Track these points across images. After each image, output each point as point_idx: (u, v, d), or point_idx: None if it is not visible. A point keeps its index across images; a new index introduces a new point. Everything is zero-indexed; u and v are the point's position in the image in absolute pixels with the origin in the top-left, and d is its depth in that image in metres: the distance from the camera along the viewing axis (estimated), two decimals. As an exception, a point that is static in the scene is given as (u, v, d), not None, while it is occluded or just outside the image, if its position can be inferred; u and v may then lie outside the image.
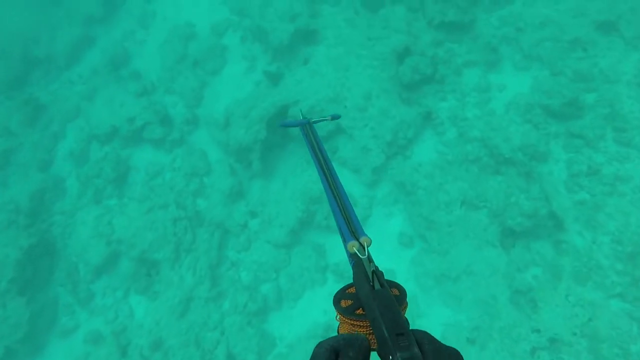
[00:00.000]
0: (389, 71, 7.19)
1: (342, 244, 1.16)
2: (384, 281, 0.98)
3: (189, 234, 7.06)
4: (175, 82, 8.47)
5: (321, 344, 0.83)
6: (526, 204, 6.10)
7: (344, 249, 1.13)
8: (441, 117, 7.09)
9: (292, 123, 2.50)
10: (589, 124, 6.34)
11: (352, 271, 1.09)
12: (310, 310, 6.71)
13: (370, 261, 1.05)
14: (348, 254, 1.13)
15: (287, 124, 3.01)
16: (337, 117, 2.39)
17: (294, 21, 7.95)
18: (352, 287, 1.04)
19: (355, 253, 1.09)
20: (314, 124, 2.03)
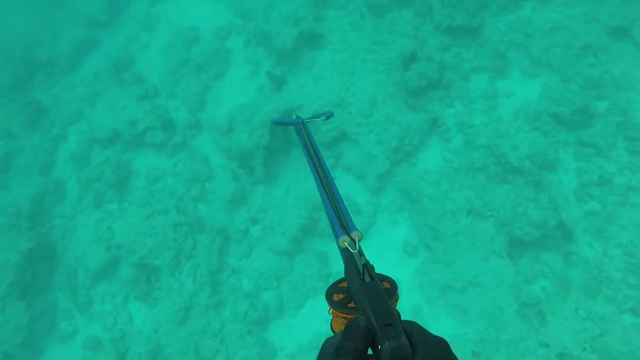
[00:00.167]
0: (394, 76, 7.07)
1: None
2: (374, 274, 1.00)
3: (190, 240, 6.95)
4: (178, 86, 8.39)
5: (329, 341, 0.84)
6: (534, 214, 5.94)
7: (336, 243, 1.15)
8: (447, 124, 6.95)
9: (285, 121, 2.54)
10: (600, 133, 6.17)
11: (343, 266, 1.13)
12: (312, 320, 6.58)
13: (361, 255, 1.07)
14: (340, 249, 1.15)
15: (280, 121, 3.02)
16: (330, 115, 2.40)
17: (298, 25, 7.85)
18: (344, 281, 1.06)
19: (346, 248, 1.12)
20: (308, 123, 2.08)
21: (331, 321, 1.00)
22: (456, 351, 0.80)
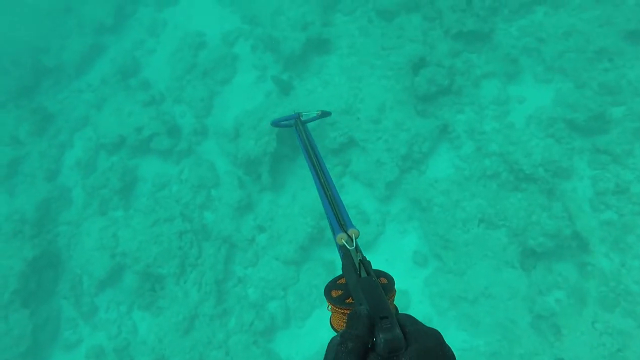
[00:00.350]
0: (403, 82, 6.93)
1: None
2: (371, 270, 1.02)
3: (195, 248, 6.84)
4: (185, 92, 8.31)
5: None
6: (548, 223, 5.76)
7: (334, 241, 1.16)
8: (458, 131, 6.79)
9: (282, 119, 2.55)
10: (616, 139, 5.99)
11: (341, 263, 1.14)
12: (319, 330, 6.43)
13: (357, 251, 1.10)
14: (337, 246, 1.17)
15: (278, 121, 2.92)
16: (327, 113, 2.40)
17: (306, 30, 7.75)
18: (343, 278, 1.08)
19: (344, 245, 1.13)
20: (306, 122, 2.10)
21: (330, 317, 1.03)
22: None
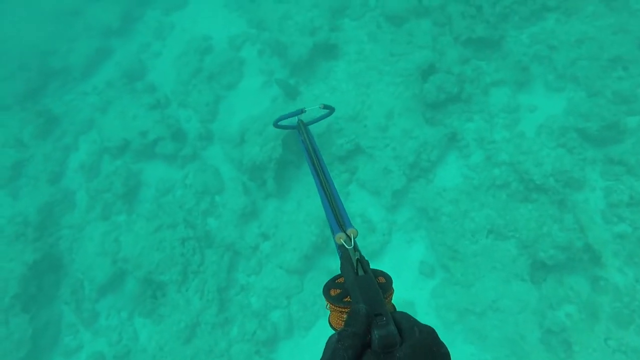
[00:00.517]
0: (412, 89, 6.81)
1: None
2: (368, 269, 1.03)
3: (198, 255, 6.73)
4: (190, 96, 8.23)
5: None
6: (559, 235, 5.61)
7: (333, 240, 1.16)
8: (467, 139, 6.66)
9: (286, 117, 2.52)
10: (630, 149, 5.83)
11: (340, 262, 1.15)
12: (322, 341, 6.17)
13: (355, 250, 1.10)
14: (336, 245, 1.18)
15: (281, 118, 2.79)
16: (330, 108, 2.34)
17: (313, 35, 7.66)
18: (341, 277, 1.09)
19: (342, 244, 1.14)
20: (309, 124, 2.14)
21: (329, 316, 1.04)
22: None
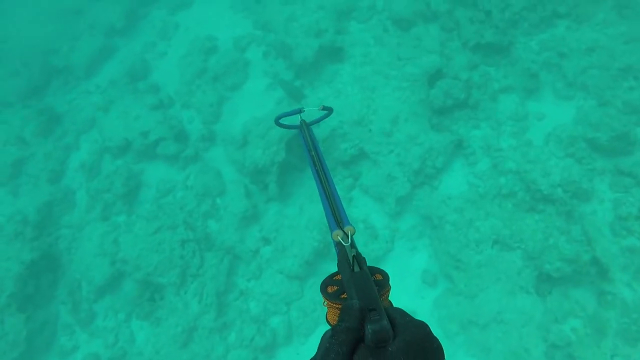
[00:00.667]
0: (419, 94, 6.71)
1: None
2: (364, 265, 1.04)
3: (197, 258, 6.63)
4: (194, 97, 8.14)
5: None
6: (566, 248, 5.49)
7: (330, 237, 1.17)
8: (473, 146, 6.54)
9: (285, 116, 2.51)
10: (641, 161, 5.72)
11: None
12: (321, 348, 6.18)
13: (352, 247, 1.11)
14: (334, 243, 1.18)
15: (282, 116, 2.66)
16: (328, 109, 2.38)
17: (319, 37, 7.57)
18: (339, 274, 1.09)
19: (339, 241, 1.15)
20: (311, 124, 2.13)
21: (326, 313, 1.03)
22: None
